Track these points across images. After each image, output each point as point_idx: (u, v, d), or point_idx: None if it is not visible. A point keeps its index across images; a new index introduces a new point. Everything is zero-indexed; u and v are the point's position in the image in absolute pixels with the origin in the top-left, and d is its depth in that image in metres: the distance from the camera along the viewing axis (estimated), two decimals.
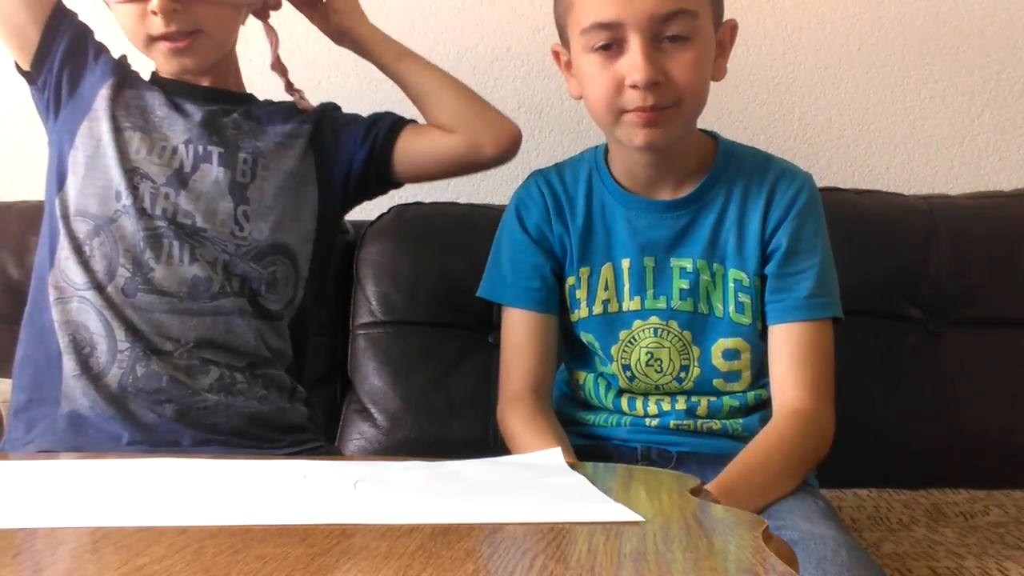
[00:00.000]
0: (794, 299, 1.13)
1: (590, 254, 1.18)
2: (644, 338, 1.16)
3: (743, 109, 1.77)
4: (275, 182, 1.25)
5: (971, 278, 1.52)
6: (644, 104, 1.05)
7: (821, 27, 1.78)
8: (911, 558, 1.10)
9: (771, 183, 1.16)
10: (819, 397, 1.11)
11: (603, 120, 1.11)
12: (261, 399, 1.18)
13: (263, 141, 1.27)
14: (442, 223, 1.57)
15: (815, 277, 1.13)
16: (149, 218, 1.19)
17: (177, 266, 1.18)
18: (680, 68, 1.05)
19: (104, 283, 1.17)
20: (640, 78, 1.04)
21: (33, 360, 1.19)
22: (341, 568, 0.50)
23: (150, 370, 1.14)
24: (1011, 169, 1.79)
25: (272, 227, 1.23)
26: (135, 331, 1.15)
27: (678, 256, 1.16)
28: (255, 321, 1.20)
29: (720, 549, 0.59)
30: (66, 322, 1.17)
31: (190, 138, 1.24)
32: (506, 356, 1.21)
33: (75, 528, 0.59)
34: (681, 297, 1.15)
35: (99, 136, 1.22)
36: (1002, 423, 1.47)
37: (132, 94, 1.26)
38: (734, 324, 1.15)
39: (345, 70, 1.73)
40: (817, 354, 1.12)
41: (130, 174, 1.20)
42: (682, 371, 1.16)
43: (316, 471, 0.79)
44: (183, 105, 1.26)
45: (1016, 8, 1.78)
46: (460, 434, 1.46)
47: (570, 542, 0.57)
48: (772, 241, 1.14)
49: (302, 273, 1.26)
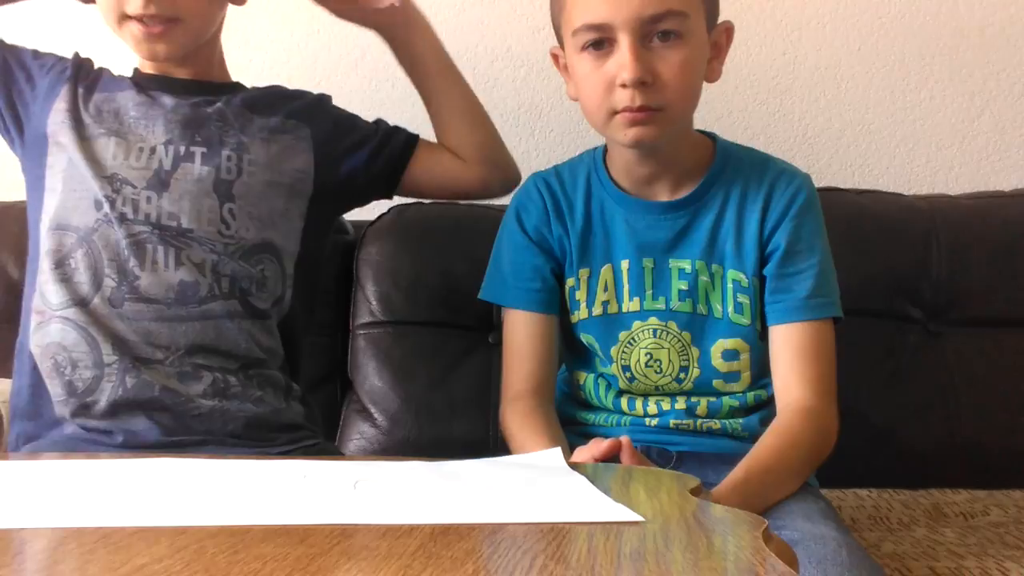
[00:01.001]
0: (794, 299, 1.13)
1: (589, 255, 1.19)
2: (644, 339, 1.16)
3: (743, 109, 1.77)
4: (262, 178, 1.23)
5: (971, 278, 1.52)
6: (632, 104, 1.05)
7: (821, 27, 1.78)
8: (911, 558, 1.10)
9: (769, 184, 1.15)
10: (823, 396, 1.11)
11: (595, 119, 1.12)
12: (256, 401, 1.17)
13: (249, 134, 1.24)
14: (442, 223, 1.57)
15: (814, 277, 1.13)
16: (131, 224, 1.16)
17: (163, 272, 1.15)
18: (670, 68, 1.06)
19: (89, 297, 1.15)
20: (628, 77, 1.04)
21: (26, 391, 1.17)
22: (341, 568, 0.50)
23: (141, 380, 1.12)
24: (1011, 169, 1.79)
25: (260, 225, 1.21)
26: (122, 343, 1.13)
27: (677, 257, 1.16)
28: (245, 322, 1.19)
29: (720, 549, 0.59)
30: (46, 345, 1.15)
31: (170, 138, 1.21)
32: (508, 357, 1.21)
33: (75, 528, 0.59)
34: (680, 298, 1.15)
35: (66, 149, 1.20)
36: (1002, 423, 1.47)
37: (101, 97, 1.23)
38: (733, 325, 1.15)
39: (345, 70, 1.72)
40: (819, 353, 1.12)
41: (108, 181, 1.17)
42: (681, 372, 1.16)
43: (316, 471, 0.79)
44: (160, 98, 1.23)
45: (1016, 8, 1.78)
46: (460, 434, 1.46)
47: (570, 542, 0.57)
48: (770, 242, 1.14)
49: (287, 271, 1.24)
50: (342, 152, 1.30)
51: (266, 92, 1.31)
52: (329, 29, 1.75)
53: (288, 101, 1.30)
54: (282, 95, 1.32)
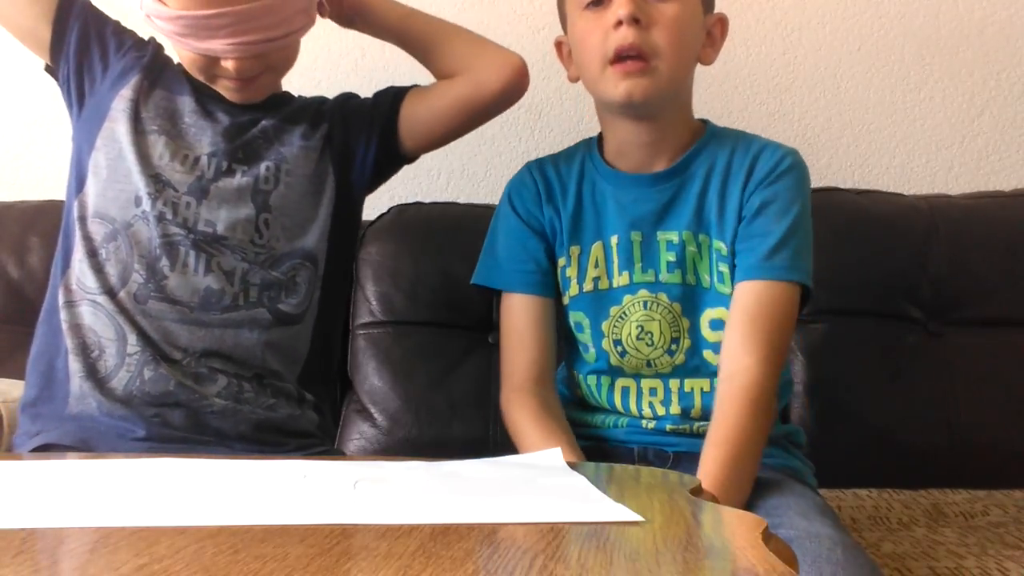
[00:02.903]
0: (754, 257, 1.11)
1: (580, 234, 1.19)
2: (634, 312, 1.16)
3: (743, 109, 1.77)
4: (298, 188, 1.24)
5: (971, 278, 1.52)
6: (625, 43, 1.09)
7: (821, 27, 1.78)
8: (911, 558, 1.10)
9: (754, 155, 1.16)
10: (769, 369, 1.08)
11: (591, 73, 1.15)
12: (269, 408, 1.18)
13: (288, 147, 1.25)
14: (442, 223, 1.57)
15: (780, 238, 1.11)
16: (168, 224, 1.17)
17: (191, 276, 1.17)
18: (662, 16, 1.11)
19: (116, 288, 1.16)
20: (624, 12, 1.09)
21: (45, 358, 1.19)
22: (341, 568, 0.50)
23: (158, 374, 1.13)
24: (1011, 169, 1.79)
25: (293, 234, 1.23)
26: (146, 337, 1.15)
27: (664, 229, 1.16)
28: (269, 332, 1.19)
29: (720, 549, 0.59)
30: (75, 325, 1.16)
31: (215, 151, 1.22)
32: (506, 344, 1.21)
33: (75, 528, 0.59)
34: (669, 270, 1.15)
35: (119, 139, 1.20)
36: (1002, 423, 1.47)
37: (162, 95, 1.24)
38: (719, 294, 1.14)
39: (345, 70, 1.73)
40: (774, 318, 1.09)
41: (152, 180, 1.19)
42: (673, 343, 1.15)
43: (316, 471, 0.79)
44: (214, 112, 1.25)
45: (1016, 8, 1.78)
46: (460, 434, 1.46)
47: (570, 542, 0.57)
48: (746, 206, 1.14)
49: (320, 272, 1.25)
50: (352, 138, 1.31)
51: (301, 101, 1.33)
52: (329, 29, 1.75)
53: (315, 106, 1.32)
54: (311, 101, 1.33)
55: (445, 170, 1.78)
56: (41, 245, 1.55)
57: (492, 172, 1.78)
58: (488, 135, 1.77)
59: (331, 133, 1.29)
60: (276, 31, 1.18)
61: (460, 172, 1.78)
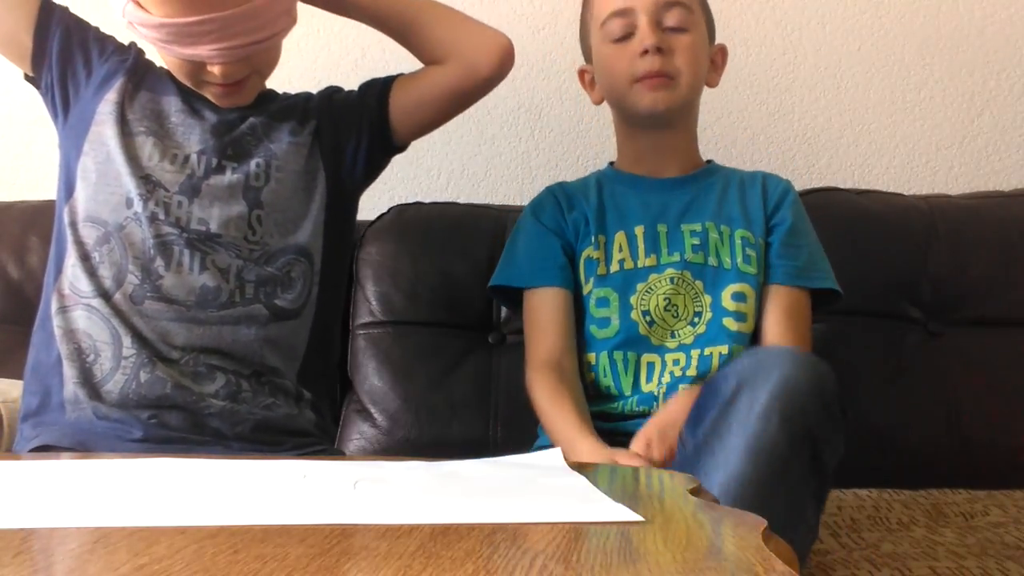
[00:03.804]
0: (796, 267, 1.27)
1: (604, 226, 1.29)
2: (661, 287, 1.25)
3: (743, 109, 1.77)
4: (289, 184, 1.25)
5: (971, 278, 1.52)
6: (652, 68, 1.24)
7: (821, 27, 1.78)
8: (911, 558, 1.10)
9: (761, 181, 1.33)
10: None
11: (618, 89, 1.28)
12: (266, 407, 1.18)
13: (277, 143, 1.26)
14: (442, 223, 1.57)
15: (810, 254, 1.28)
16: (160, 224, 1.18)
17: (187, 274, 1.17)
18: (680, 45, 1.26)
19: (111, 291, 1.16)
20: (649, 43, 1.23)
21: (42, 366, 1.18)
22: (341, 568, 0.50)
23: (154, 376, 1.13)
24: (1011, 169, 1.79)
25: (286, 230, 1.23)
26: (142, 338, 1.15)
27: (688, 222, 1.28)
28: (267, 328, 1.19)
29: (720, 549, 0.59)
30: (69, 331, 1.16)
31: (204, 149, 1.22)
32: (528, 333, 1.28)
33: (75, 528, 0.59)
34: (693, 251, 1.26)
35: (107, 142, 1.21)
36: (1002, 423, 1.47)
37: (148, 97, 1.25)
38: (741, 272, 1.25)
39: (345, 70, 1.73)
40: (804, 320, 1.27)
41: (143, 181, 1.19)
42: (696, 316, 1.24)
43: (316, 471, 0.79)
44: (201, 110, 1.25)
45: (1016, 8, 1.78)
46: (460, 434, 1.46)
47: (570, 542, 0.57)
48: (775, 215, 1.29)
49: (316, 267, 1.26)
50: (342, 132, 1.31)
51: (286, 98, 1.33)
52: (329, 29, 1.75)
53: (301, 103, 1.32)
54: (297, 98, 1.34)
55: (445, 170, 1.78)
56: (41, 245, 1.55)
57: (492, 172, 1.78)
58: (488, 135, 1.77)
59: (320, 129, 1.30)
60: (260, 34, 1.19)
61: (460, 172, 1.78)
